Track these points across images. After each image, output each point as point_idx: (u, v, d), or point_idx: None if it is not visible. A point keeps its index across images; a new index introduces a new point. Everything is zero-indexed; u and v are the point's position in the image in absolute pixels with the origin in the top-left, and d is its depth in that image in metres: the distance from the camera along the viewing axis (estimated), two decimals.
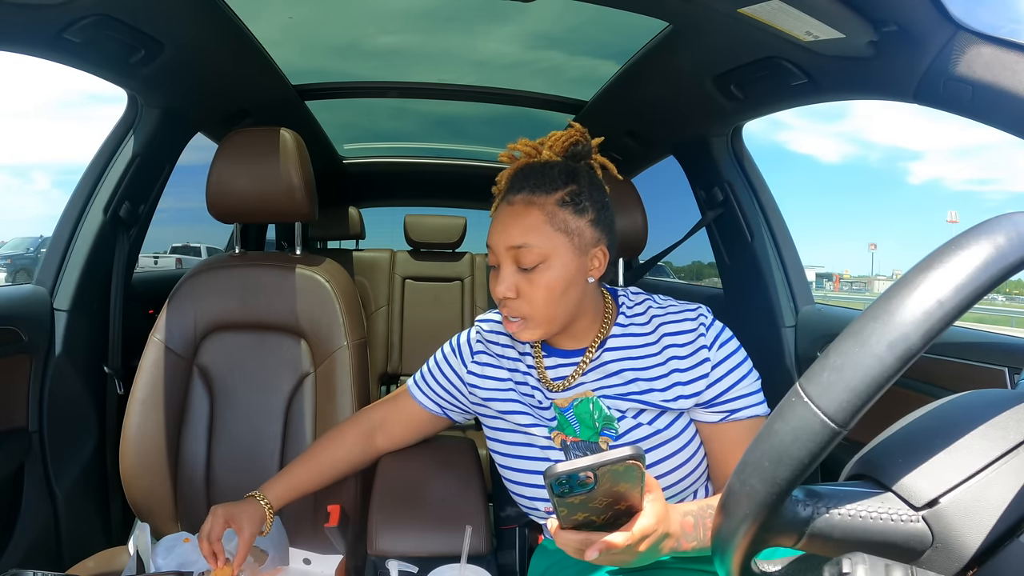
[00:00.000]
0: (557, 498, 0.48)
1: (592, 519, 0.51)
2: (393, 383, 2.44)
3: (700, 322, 0.79)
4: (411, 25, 1.34)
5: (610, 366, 0.80)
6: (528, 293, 0.75)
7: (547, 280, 0.75)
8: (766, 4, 0.80)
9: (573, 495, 0.48)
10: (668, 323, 0.80)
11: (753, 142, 1.54)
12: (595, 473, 0.46)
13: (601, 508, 0.51)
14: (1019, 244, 0.32)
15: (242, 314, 1.10)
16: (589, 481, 0.47)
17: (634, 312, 0.84)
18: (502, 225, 0.77)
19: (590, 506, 0.50)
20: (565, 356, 0.83)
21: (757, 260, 1.38)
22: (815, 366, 0.34)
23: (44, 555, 1.16)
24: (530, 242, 0.74)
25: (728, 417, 0.77)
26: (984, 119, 0.77)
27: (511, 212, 0.76)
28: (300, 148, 1.09)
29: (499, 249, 0.76)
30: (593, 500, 0.49)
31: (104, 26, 0.95)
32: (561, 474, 0.46)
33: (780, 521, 0.35)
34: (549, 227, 0.75)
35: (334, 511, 0.91)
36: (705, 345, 0.78)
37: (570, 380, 0.81)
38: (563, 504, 0.49)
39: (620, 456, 0.46)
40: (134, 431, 1.04)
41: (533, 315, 0.76)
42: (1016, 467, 0.35)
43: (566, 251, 0.75)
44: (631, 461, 0.47)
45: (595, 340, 0.82)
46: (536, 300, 0.75)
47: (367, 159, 2.39)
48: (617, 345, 0.81)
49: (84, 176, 1.28)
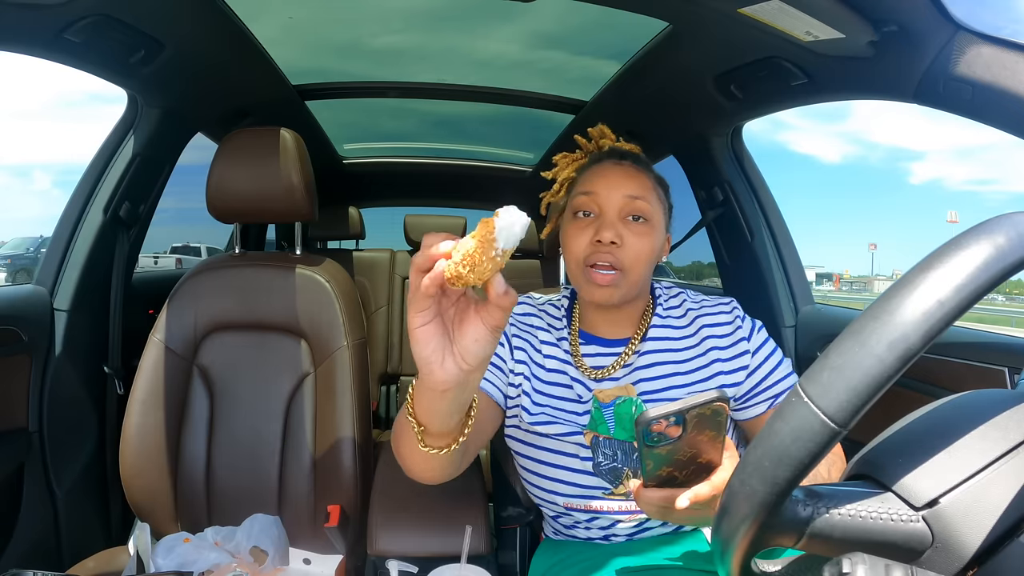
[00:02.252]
0: (646, 448, 0.50)
1: (675, 474, 0.53)
2: (393, 383, 2.44)
3: (736, 314, 0.83)
4: (411, 25, 1.34)
5: (651, 356, 0.81)
6: (632, 244, 0.77)
7: (649, 238, 0.78)
8: (766, 4, 0.80)
9: (660, 445, 0.50)
10: (705, 315, 0.83)
11: (754, 142, 1.54)
12: (684, 418, 0.48)
13: (684, 461, 0.52)
14: (1019, 244, 0.32)
15: (242, 314, 1.10)
16: (676, 432, 0.49)
17: (670, 304, 0.86)
18: (616, 178, 0.79)
19: (675, 458, 0.51)
20: (605, 345, 0.84)
21: (757, 260, 1.38)
22: (815, 366, 0.34)
23: (44, 555, 1.16)
24: (647, 196, 0.79)
25: (773, 403, 0.80)
26: (984, 119, 0.76)
27: (622, 170, 0.80)
28: (300, 148, 1.09)
29: (611, 197, 0.78)
30: (678, 452, 0.51)
31: (104, 26, 0.95)
32: (652, 418, 0.48)
33: (780, 521, 0.35)
34: (654, 195, 0.81)
35: (334, 511, 0.91)
36: (744, 337, 0.81)
37: (611, 370, 0.81)
38: (651, 455, 0.51)
39: (708, 398, 0.48)
40: (134, 431, 1.04)
41: (630, 268, 0.77)
42: (1016, 467, 0.35)
43: (660, 222, 0.81)
44: (718, 403, 0.48)
45: (638, 330, 0.83)
46: (638, 252, 0.77)
47: (367, 159, 2.39)
48: (657, 335, 0.82)
49: (84, 176, 1.28)
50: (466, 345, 0.46)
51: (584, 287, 0.79)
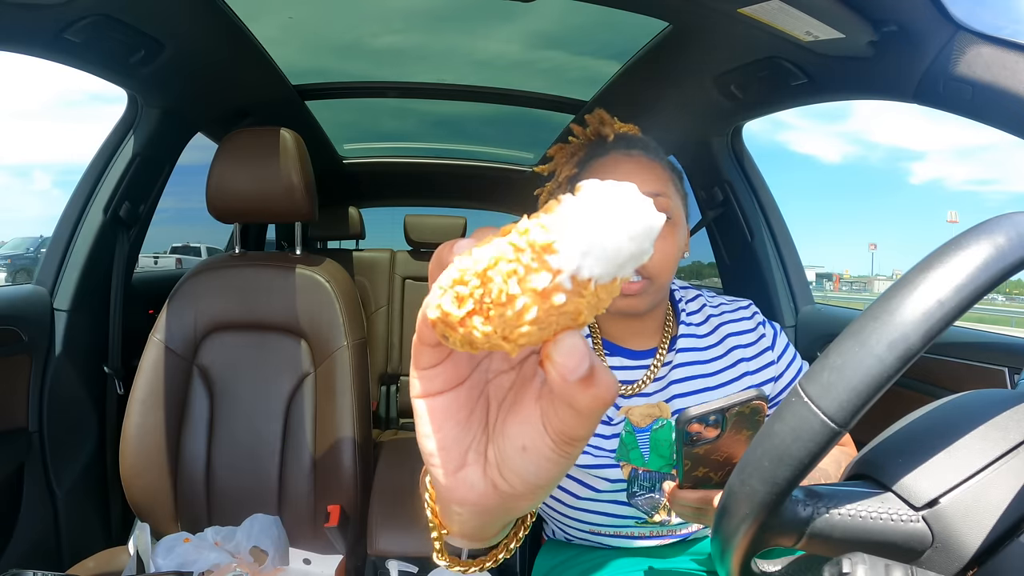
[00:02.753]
0: (685, 447, 0.50)
1: (711, 475, 0.54)
2: (393, 383, 2.43)
3: (757, 320, 0.78)
4: (411, 25, 1.34)
5: (680, 370, 0.74)
6: (659, 248, 0.67)
7: (674, 239, 0.70)
8: (766, 4, 0.80)
9: (699, 445, 0.50)
10: (729, 322, 0.77)
11: (754, 142, 1.53)
12: (724, 417, 0.49)
13: (720, 462, 0.53)
14: (1019, 244, 0.32)
15: (242, 314, 1.10)
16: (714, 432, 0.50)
17: (691, 309, 0.80)
18: (629, 173, 0.70)
19: (712, 458, 0.52)
20: (632, 357, 0.76)
21: (757, 260, 1.38)
22: (815, 366, 0.34)
23: (44, 555, 1.16)
24: (666, 192, 0.70)
25: None
26: (984, 119, 0.76)
27: (635, 163, 0.71)
28: (300, 148, 1.09)
29: None
30: (715, 452, 0.51)
31: (104, 26, 0.95)
32: (694, 417, 0.49)
33: (780, 521, 0.35)
34: (673, 187, 0.72)
35: (334, 511, 0.91)
36: (768, 346, 0.77)
37: (641, 385, 0.74)
38: (689, 455, 0.51)
39: (747, 397, 0.49)
40: (134, 431, 1.04)
41: (658, 274, 0.69)
42: (1016, 467, 0.35)
43: (681, 216, 0.72)
44: (757, 401, 0.49)
45: (664, 339, 0.76)
46: (666, 255, 0.69)
47: (367, 159, 2.39)
48: (685, 346, 0.75)
49: (84, 176, 1.28)
50: (507, 452, 0.23)
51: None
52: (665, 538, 0.76)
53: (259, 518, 0.99)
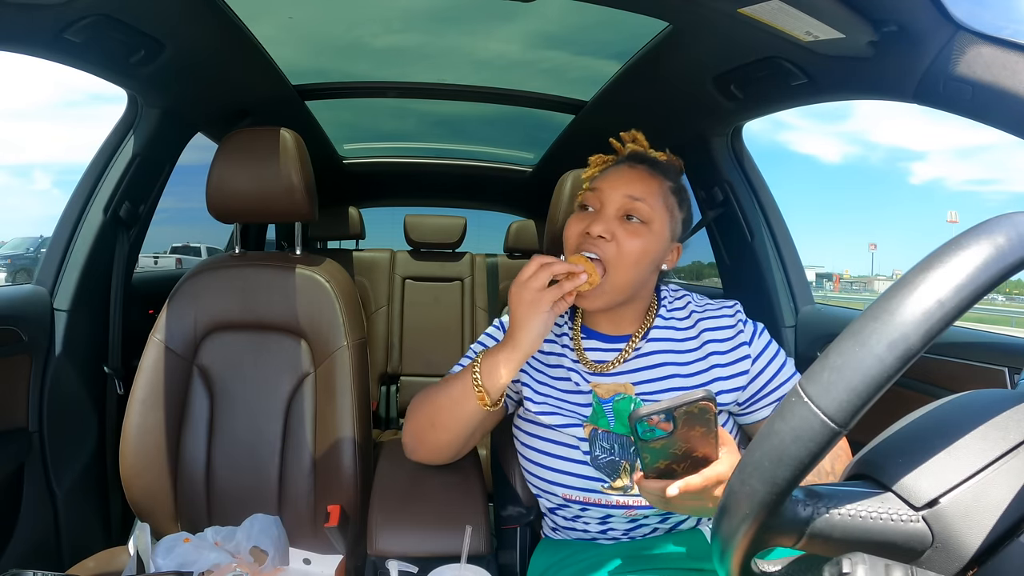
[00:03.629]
0: (641, 442, 0.53)
1: (673, 467, 0.56)
2: (393, 383, 2.43)
3: (738, 318, 0.83)
4: (412, 25, 1.34)
5: (651, 357, 0.82)
6: (623, 241, 0.77)
7: (642, 240, 0.78)
8: (766, 4, 0.80)
9: (655, 439, 0.53)
10: (707, 318, 0.84)
11: (755, 142, 1.53)
12: (673, 415, 0.51)
13: (680, 455, 0.55)
14: (1019, 244, 0.32)
15: (242, 314, 1.10)
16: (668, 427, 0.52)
17: (675, 307, 0.87)
18: (624, 178, 0.81)
19: (670, 451, 0.54)
20: (606, 340, 0.85)
21: (757, 260, 1.38)
22: (815, 366, 0.34)
23: (44, 555, 1.16)
24: (648, 200, 0.79)
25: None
26: (984, 119, 0.76)
27: (634, 172, 0.82)
28: (300, 148, 1.09)
29: (613, 195, 0.80)
30: (673, 445, 0.54)
31: (104, 26, 0.95)
32: (644, 415, 0.51)
33: (780, 521, 0.35)
34: (661, 201, 0.81)
35: (334, 511, 0.91)
36: (745, 342, 0.81)
37: (611, 365, 0.82)
38: (646, 449, 0.54)
39: (694, 397, 0.51)
40: (134, 431, 1.04)
41: (614, 267, 0.77)
42: (1016, 467, 0.35)
43: (662, 228, 0.81)
44: (703, 402, 0.51)
45: (640, 328, 0.84)
46: (627, 251, 0.77)
47: (367, 159, 2.39)
48: (659, 336, 0.83)
49: (84, 176, 1.28)
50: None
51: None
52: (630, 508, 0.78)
53: (259, 518, 0.99)
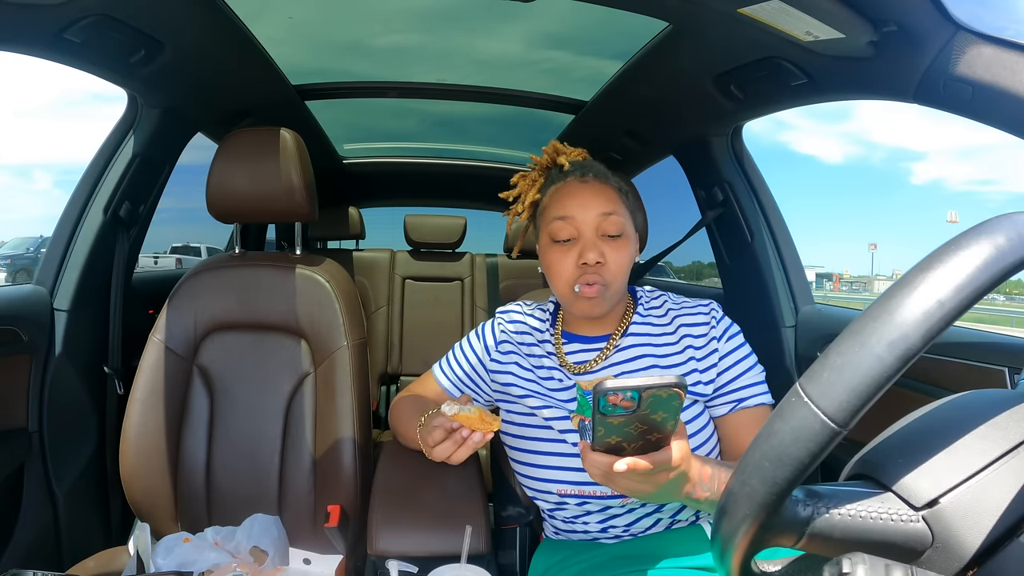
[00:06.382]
0: (600, 415, 0.51)
1: (623, 445, 0.55)
2: (393, 383, 2.44)
3: (712, 315, 0.85)
4: (412, 25, 1.34)
5: (631, 351, 0.84)
6: (613, 260, 0.80)
7: (626, 250, 0.82)
8: (766, 4, 0.80)
9: (614, 415, 0.51)
10: (684, 315, 0.86)
11: (754, 142, 1.54)
12: (639, 395, 0.50)
13: (634, 435, 0.54)
14: (1019, 244, 0.32)
15: (242, 314, 1.10)
16: (630, 405, 0.50)
17: (652, 305, 0.89)
18: (586, 197, 0.82)
19: (625, 430, 0.53)
20: (586, 342, 0.88)
21: (757, 260, 1.38)
22: (815, 366, 0.34)
23: (44, 555, 1.16)
24: (617, 211, 0.82)
25: (736, 407, 0.81)
26: (984, 119, 0.76)
27: (590, 188, 0.83)
28: (300, 148, 1.09)
29: (586, 218, 0.81)
30: (630, 424, 0.53)
31: (104, 26, 0.95)
32: (609, 389, 0.49)
33: (780, 521, 0.35)
34: (623, 205, 0.84)
35: (334, 511, 0.91)
36: (715, 337, 0.83)
37: (592, 364, 0.85)
38: (602, 423, 0.52)
39: (666, 382, 0.49)
40: (134, 431, 1.04)
41: (612, 281, 0.81)
42: (1016, 467, 0.35)
43: (631, 229, 0.84)
44: (675, 388, 0.50)
45: (619, 327, 0.87)
46: (620, 265, 0.81)
47: (367, 159, 2.39)
48: (637, 331, 0.86)
49: (84, 176, 1.28)
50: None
51: (575, 304, 0.83)
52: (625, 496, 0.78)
53: (259, 518, 0.99)
